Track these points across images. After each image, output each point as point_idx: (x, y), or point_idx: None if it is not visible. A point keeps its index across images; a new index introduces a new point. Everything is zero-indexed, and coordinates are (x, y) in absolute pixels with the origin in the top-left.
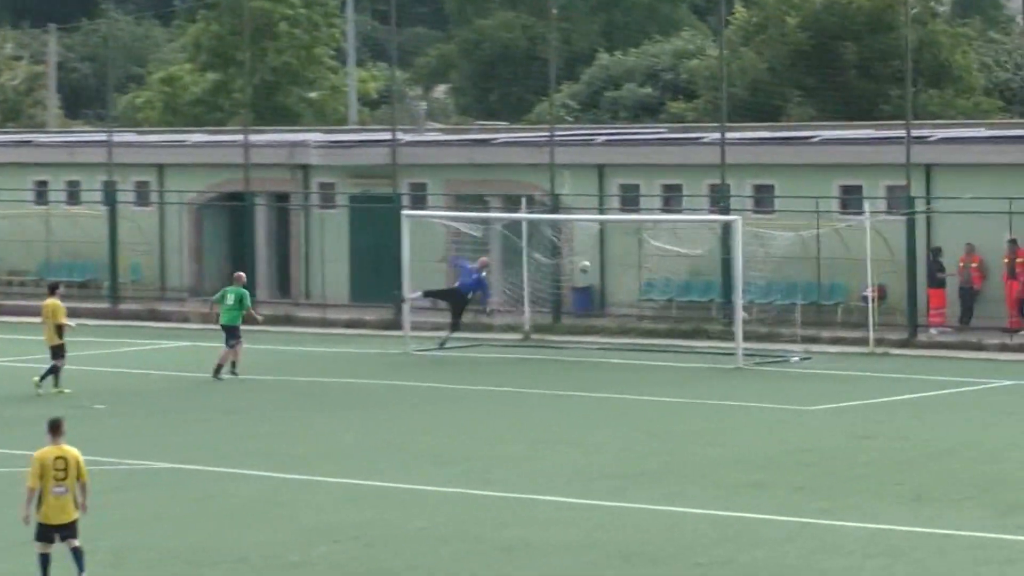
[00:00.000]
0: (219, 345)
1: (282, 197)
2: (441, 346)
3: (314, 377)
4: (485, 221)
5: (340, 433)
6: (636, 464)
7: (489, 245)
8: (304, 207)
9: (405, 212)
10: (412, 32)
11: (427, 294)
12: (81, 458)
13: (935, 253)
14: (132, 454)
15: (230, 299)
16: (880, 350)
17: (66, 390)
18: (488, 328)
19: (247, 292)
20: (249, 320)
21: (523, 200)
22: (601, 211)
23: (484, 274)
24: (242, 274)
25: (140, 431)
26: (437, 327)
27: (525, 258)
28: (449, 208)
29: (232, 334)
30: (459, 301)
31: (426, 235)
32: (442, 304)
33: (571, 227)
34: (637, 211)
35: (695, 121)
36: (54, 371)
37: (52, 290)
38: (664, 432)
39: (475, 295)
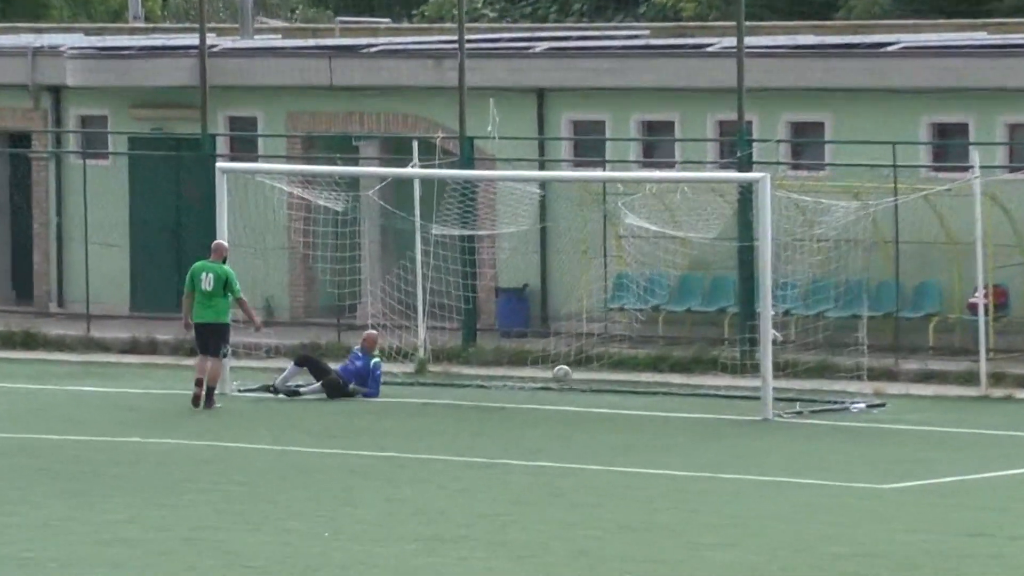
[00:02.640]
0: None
1: (19, 139)
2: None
3: (72, 434)
4: (353, 181)
5: (117, 526)
6: None
7: (360, 224)
8: (55, 155)
9: (221, 165)
10: None
11: (301, 362)
12: None
13: None
14: None
15: (208, 281)
16: (998, 392)
17: None
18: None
19: (232, 272)
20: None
21: (415, 146)
22: (543, 165)
23: (376, 359)
24: (223, 243)
25: None
26: (291, 349)
27: (419, 243)
28: (295, 159)
29: (221, 337)
30: (332, 387)
31: (259, 202)
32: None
33: (494, 191)
34: (601, 165)
35: (696, 19)
36: None
37: None
38: (645, 525)
39: (354, 388)
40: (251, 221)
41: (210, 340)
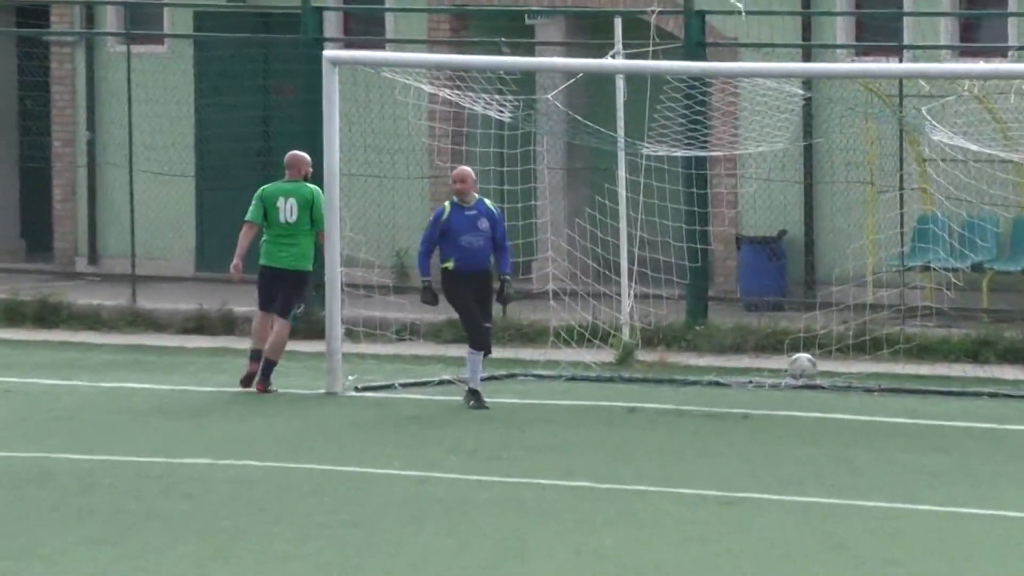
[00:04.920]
0: None
1: (32, 14)
2: (471, 403)
3: (109, 453)
4: (526, 78)
5: None
6: None
7: (537, 142)
8: (85, 39)
9: (332, 55)
10: None
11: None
12: None
13: None
14: None
15: (289, 210)
16: None
17: None
18: (536, 336)
19: (320, 194)
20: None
21: (617, 26)
22: (808, 53)
23: (485, 202)
24: (302, 154)
25: None
26: (431, 328)
27: (623, 170)
28: (439, 45)
29: (298, 290)
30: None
31: (387, 110)
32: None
33: (736, 93)
34: (896, 53)
35: None
36: None
37: None
38: None
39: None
40: (375, 137)
41: (281, 293)
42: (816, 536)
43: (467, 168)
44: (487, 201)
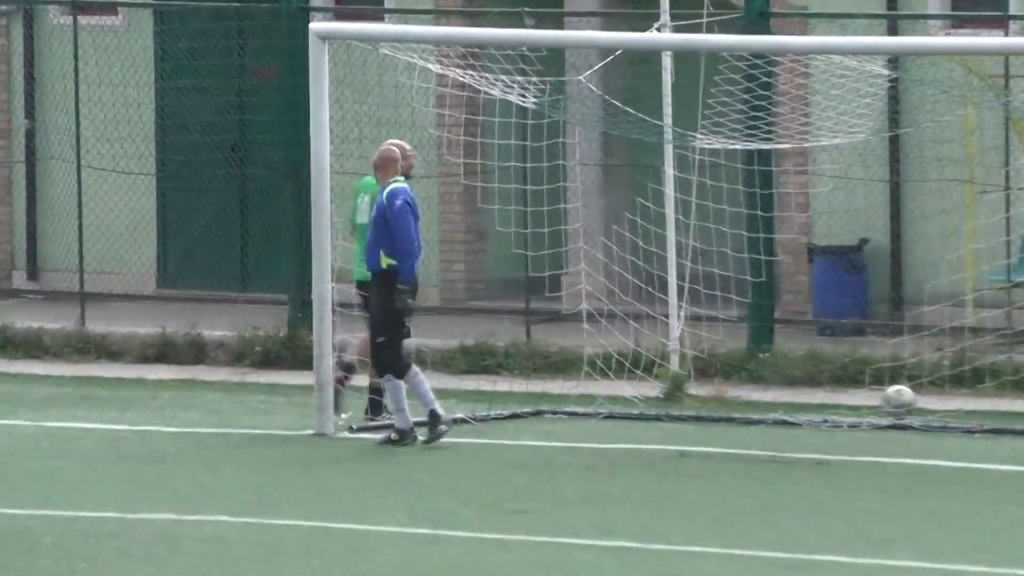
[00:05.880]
0: None
1: None
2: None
3: (53, 507)
4: (554, 56)
5: None
6: None
7: (567, 133)
8: (24, 8)
9: (319, 28)
10: None
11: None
12: None
13: None
14: None
15: (362, 210)
16: None
17: None
18: (566, 365)
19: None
20: None
21: None
22: (895, 27)
23: (390, 187)
24: (395, 148)
25: None
26: (441, 355)
27: (671, 166)
28: (447, 15)
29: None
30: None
31: (386, 93)
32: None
33: (806, 74)
34: (1000, 26)
35: None
36: None
37: None
38: None
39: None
40: (372, 128)
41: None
42: None
43: (386, 145)
44: (394, 182)
